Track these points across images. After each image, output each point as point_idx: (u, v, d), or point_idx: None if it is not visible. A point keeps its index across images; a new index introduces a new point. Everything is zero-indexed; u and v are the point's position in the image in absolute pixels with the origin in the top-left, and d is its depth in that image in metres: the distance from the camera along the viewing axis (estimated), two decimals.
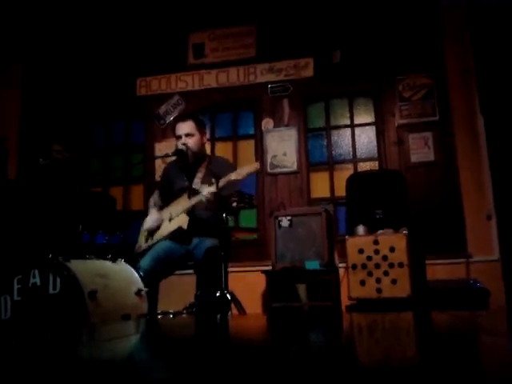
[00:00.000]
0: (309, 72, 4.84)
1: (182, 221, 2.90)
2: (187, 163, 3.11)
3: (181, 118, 3.35)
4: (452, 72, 4.56)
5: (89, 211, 3.28)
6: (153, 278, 2.80)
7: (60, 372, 0.73)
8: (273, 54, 4.92)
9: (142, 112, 5.12)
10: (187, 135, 3.09)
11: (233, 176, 2.71)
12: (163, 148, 4.81)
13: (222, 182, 2.71)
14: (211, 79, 5.02)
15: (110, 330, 1.69)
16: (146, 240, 3.14)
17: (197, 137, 3.12)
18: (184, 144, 3.06)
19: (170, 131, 4.98)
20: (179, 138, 3.11)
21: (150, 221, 3.12)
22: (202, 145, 3.19)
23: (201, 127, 3.18)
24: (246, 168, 2.76)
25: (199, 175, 3.08)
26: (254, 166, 2.79)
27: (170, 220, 3.03)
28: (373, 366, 0.74)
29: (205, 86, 5.03)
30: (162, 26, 5.17)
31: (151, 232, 3.11)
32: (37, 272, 2.32)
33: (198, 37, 5.13)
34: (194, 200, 2.85)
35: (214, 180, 2.74)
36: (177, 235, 2.95)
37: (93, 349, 1.09)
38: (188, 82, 5.07)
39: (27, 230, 3.07)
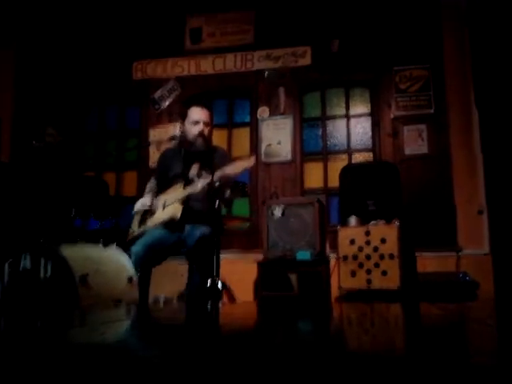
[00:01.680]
0: (306, 60, 4.81)
1: (176, 210, 2.89)
2: (195, 150, 3.10)
3: (197, 104, 3.24)
4: (449, 65, 4.55)
5: (81, 195, 3.27)
6: (145, 265, 2.81)
7: (48, 353, 0.73)
8: (271, 41, 4.88)
9: (138, 97, 5.08)
10: (205, 123, 3.10)
11: (228, 170, 2.71)
12: (158, 134, 4.79)
13: (217, 175, 2.71)
14: (208, 65, 4.98)
15: (101, 314, 1.70)
16: (139, 226, 3.14)
17: (210, 127, 3.16)
18: (201, 131, 3.06)
19: (165, 116, 4.96)
20: (196, 123, 3.09)
21: (139, 204, 3.14)
22: (211, 135, 3.23)
23: (212, 118, 3.22)
24: (241, 163, 2.75)
25: (197, 164, 3.07)
26: (248, 162, 2.78)
27: (164, 207, 3.03)
28: (360, 352, 0.75)
29: (201, 72, 4.99)
30: (160, 9, 5.10)
31: (143, 217, 3.11)
32: (28, 256, 2.32)
33: (196, 21, 5.07)
34: (188, 190, 2.85)
35: (206, 173, 2.75)
36: (169, 224, 2.95)
37: (84, 332, 1.10)
38: (184, 67, 5.02)
39: (19, 213, 3.06)
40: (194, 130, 3.08)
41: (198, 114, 3.12)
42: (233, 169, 2.69)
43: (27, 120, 5.03)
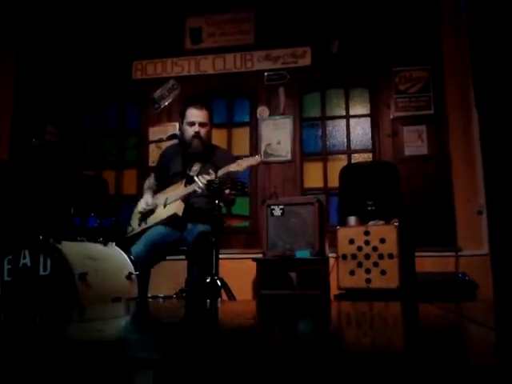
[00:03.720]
0: (306, 61, 4.82)
1: (178, 208, 2.90)
2: (192, 151, 3.09)
3: (195, 104, 3.19)
4: (449, 66, 4.56)
5: (81, 193, 3.27)
6: (145, 264, 2.81)
7: (44, 349, 0.73)
8: (271, 41, 4.89)
9: (137, 96, 5.08)
10: (201, 124, 3.07)
11: (233, 167, 2.71)
12: (157, 132, 4.78)
13: (220, 172, 2.72)
14: (207, 65, 4.99)
15: (100, 310, 1.70)
16: (139, 224, 3.14)
17: (208, 127, 3.12)
18: (197, 132, 3.05)
19: (164, 116, 4.96)
20: (192, 124, 3.07)
21: (143, 203, 3.12)
22: (210, 135, 3.20)
23: (211, 117, 3.18)
24: (246, 160, 2.76)
25: (199, 164, 3.07)
26: (255, 159, 2.79)
27: (165, 205, 3.02)
28: (358, 351, 0.75)
29: (201, 72, 4.99)
30: (160, 9, 5.10)
31: (144, 215, 3.10)
32: (27, 253, 2.32)
33: (196, 21, 5.08)
34: (190, 188, 2.85)
35: (211, 171, 2.75)
36: (171, 221, 2.95)
37: (81, 328, 1.10)
38: (184, 66, 5.03)
39: (19, 210, 3.06)
40: (190, 131, 3.07)
41: (193, 115, 3.09)
42: (236, 166, 2.70)
43: (27, 118, 5.03)
